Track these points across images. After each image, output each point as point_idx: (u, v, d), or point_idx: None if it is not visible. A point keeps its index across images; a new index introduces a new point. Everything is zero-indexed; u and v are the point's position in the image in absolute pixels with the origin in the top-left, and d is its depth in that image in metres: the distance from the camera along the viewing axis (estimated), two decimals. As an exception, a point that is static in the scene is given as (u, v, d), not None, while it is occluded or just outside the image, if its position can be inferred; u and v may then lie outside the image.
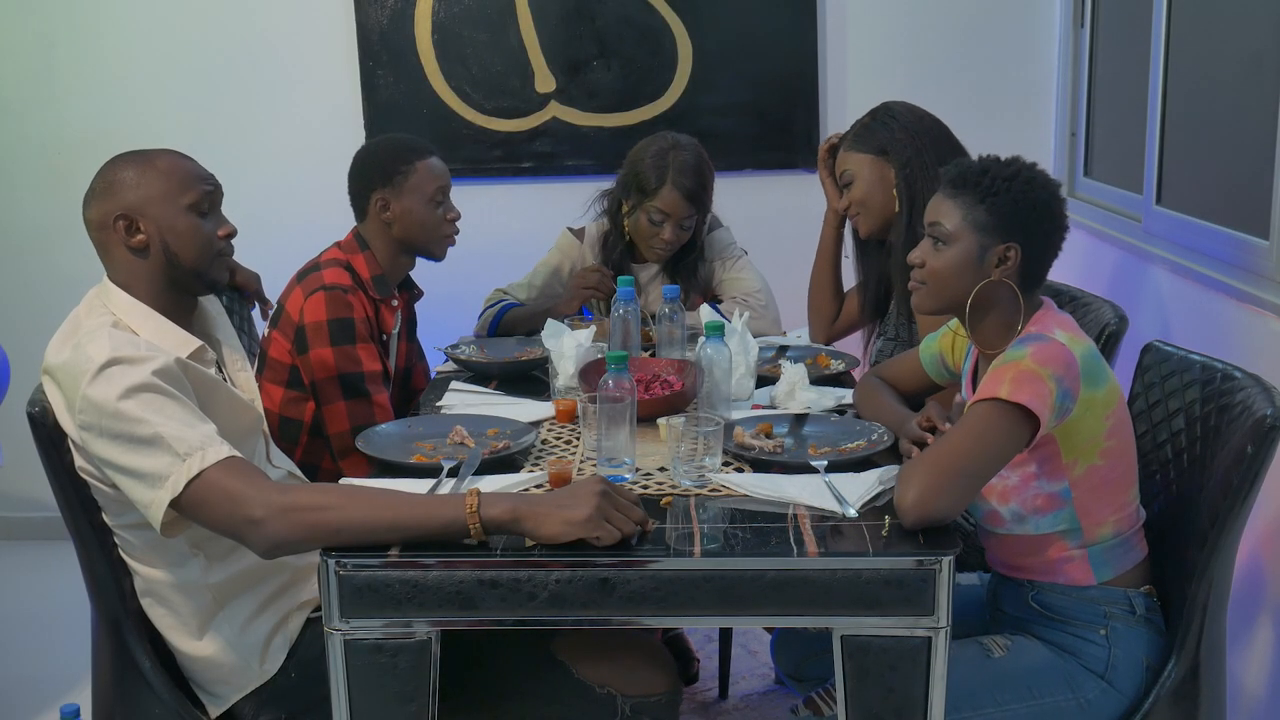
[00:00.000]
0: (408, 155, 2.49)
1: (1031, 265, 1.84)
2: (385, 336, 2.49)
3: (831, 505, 1.72)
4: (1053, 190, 1.85)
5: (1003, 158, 1.87)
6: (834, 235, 2.76)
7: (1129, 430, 1.87)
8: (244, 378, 2.02)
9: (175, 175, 1.84)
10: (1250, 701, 2.30)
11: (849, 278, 2.79)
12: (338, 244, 2.52)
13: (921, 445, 1.84)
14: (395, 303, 2.52)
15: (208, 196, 1.86)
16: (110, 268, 1.86)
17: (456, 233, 2.55)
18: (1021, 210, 1.81)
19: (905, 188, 2.42)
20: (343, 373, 2.33)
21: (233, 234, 1.91)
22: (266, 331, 2.46)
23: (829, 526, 1.67)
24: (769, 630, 2.84)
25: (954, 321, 2.05)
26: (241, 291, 2.46)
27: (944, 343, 2.12)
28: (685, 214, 2.79)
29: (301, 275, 2.44)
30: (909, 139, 2.44)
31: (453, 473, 1.85)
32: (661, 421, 2.00)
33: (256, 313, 2.52)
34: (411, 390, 2.69)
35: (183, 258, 1.84)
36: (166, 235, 1.82)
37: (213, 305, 2.02)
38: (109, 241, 1.83)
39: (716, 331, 2.15)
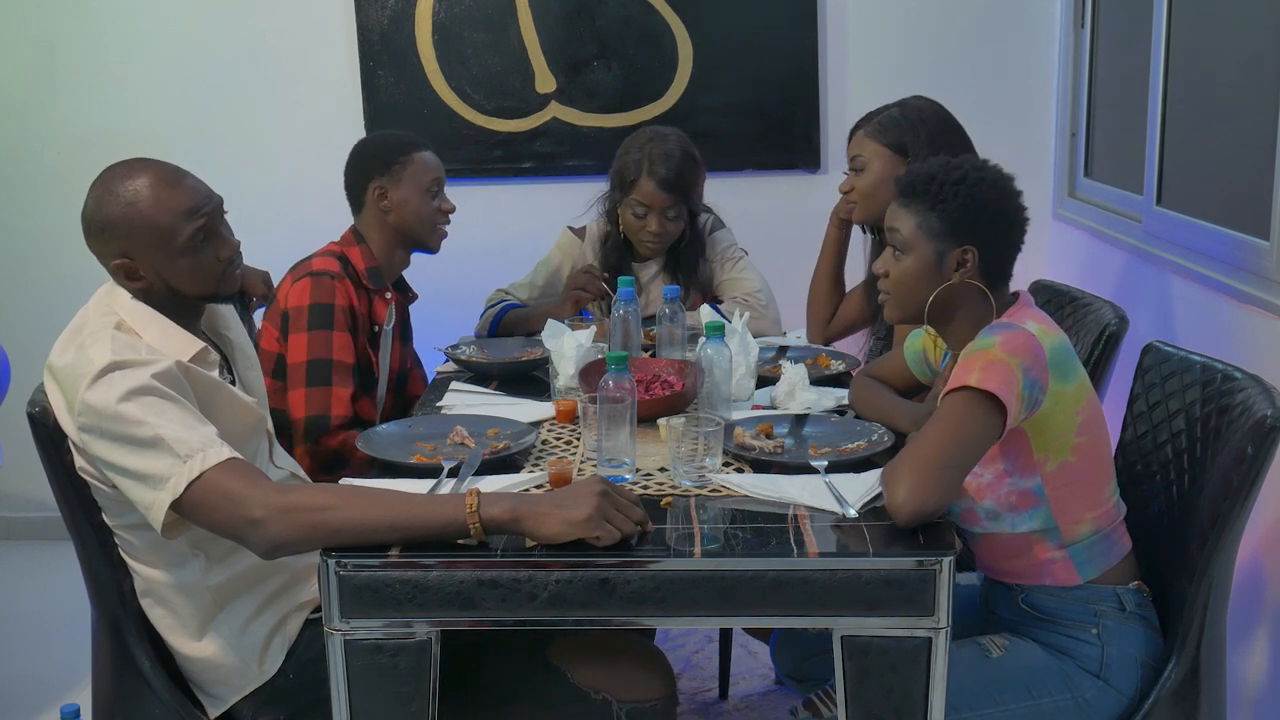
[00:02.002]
0: (405, 147, 2.53)
1: (993, 263, 1.85)
2: (377, 329, 2.50)
3: (832, 506, 1.72)
4: (1003, 188, 1.85)
5: (950, 160, 1.88)
6: (837, 237, 2.76)
7: (1102, 427, 1.87)
8: (252, 376, 2.03)
9: (163, 217, 1.78)
10: (1250, 702, 2.30)
11: (856, 275, 2.79)
12: (334, 241, 2.54)
13: None
14: (389, 295, 2.53)
15: (200, 230, 1.81)
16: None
17: (448, 223, 2.58)
18: (971, 213, 1.82)
19: None
20: (312, 358, 2.34)
21: (235, 251, 1.89)
22: (260, 323, 2.47)
23: (829, 527, 1.67)
24: (759, 638, 2.85)
25: None
26: (244, 294, 2.46)
27: (926, 340, 2.13)
28: (665, 204, 2.79)
29: (294, 267, 2.47)
30: (932, 149, 2.42)
31: (453, 473, 1.85)
32: (662, 422, 2.00)
33: (262, 313, 2.52)
34: (408, 396, 2.69)
35: (186, 291, 1.85)
36: (166, 276, 1.82)
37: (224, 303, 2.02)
38: (111, 273, 1.84)
39: (717, 332, 2.15)
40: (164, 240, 1.79)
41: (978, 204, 1.82)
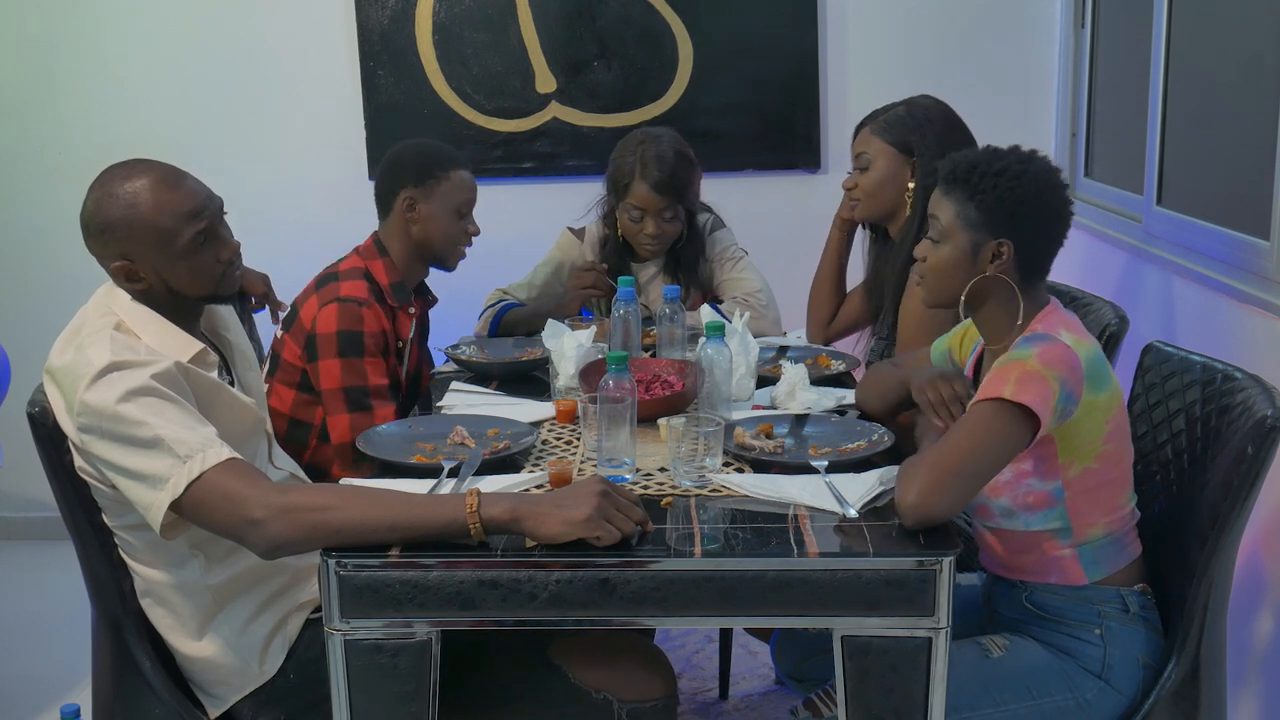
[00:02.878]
0: (444, 162, 2.50)
1: (1028, 259, 1.83)
2: (401, 344, 2.49)
3: (832, 506, 1.72)
4: (1046, 181, 1.83)
5: (997, 150, 1.86)
6: (840, 239, 2.76)
7: (1127, 435, 1.87)
8: (251, 377, 2.02)
9: (163, 220, 1.78)
10: (1250, 702, 2.30)
11: (856, 276, 2.79)
12: (357, 250, 2.52)
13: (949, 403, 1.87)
14: (412, 310, 2.52)
15: (201, 233, 1.81)
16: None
17: (469, 245, 2.56)
18: (1008, 206, 1.80)
19: (922, 194, 2.42)
20: (347, 385, 2.33)
21: (235, 252, 1.89)
22: (279, 333, 2.46)
23: (829, 527, 1.67)
24: (760, 637, 2.85)
25: (967, 321, 2.06)
26: (244, 295, 2.46)
27: (953, 340, 2.12)
28: (660, 206, 2.79)
29: (320, 282, 2.44)
30: (938, 149, 2.41)
31: (453, 473, 1.85)
32: (662, 422, 2.00)
33: (263, 314, 2.51)
34: (418, 395, 2.70)
35: (186, 292, 1.85)
36: (166, 277, 1.82)
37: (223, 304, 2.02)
38: (112, 276, 1.83)
39: (717, 332, 2.15)
40: (165, 242, 1.79)
41: (1016, 197, 1.80)
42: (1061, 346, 1.75)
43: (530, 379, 2.53)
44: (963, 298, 1.84)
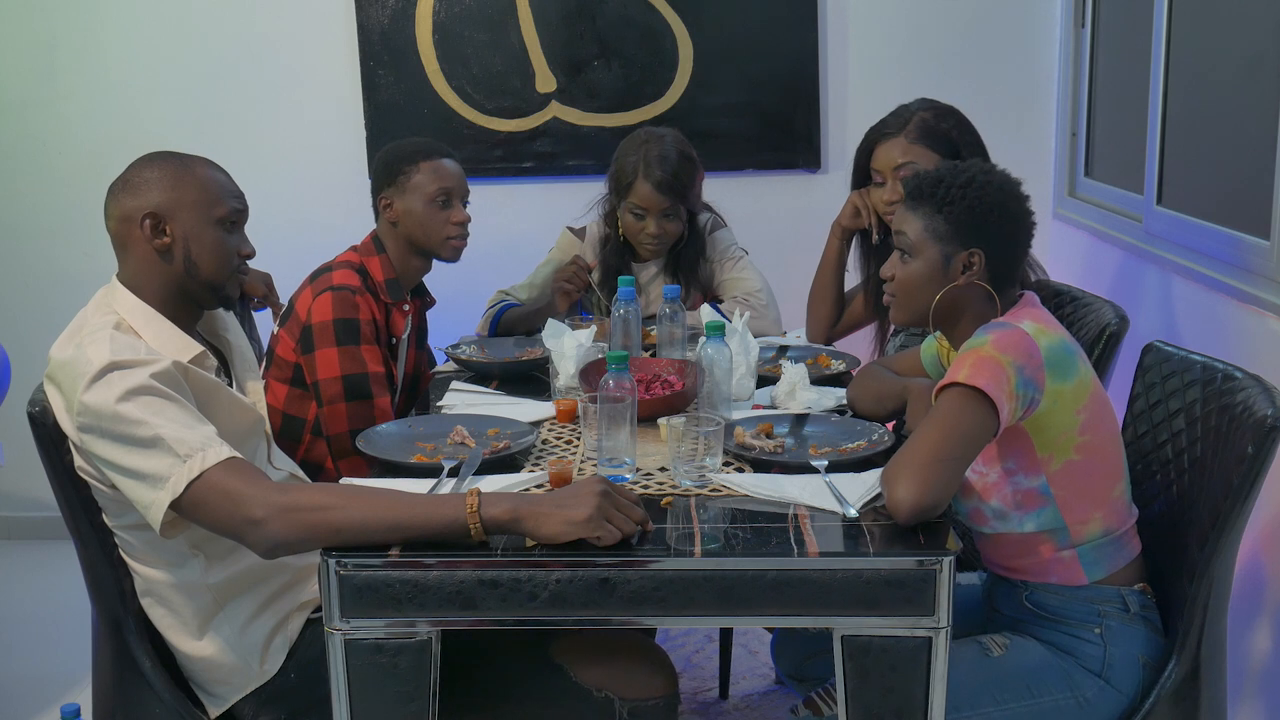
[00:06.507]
0: (414, 156, 2.51)
1: (999, 266, 1.86)
2: (394, 340, 2.50)
3: (832, 505, 1.72)
4: (1010, 191, 1.86)
5: (958, 164, 1.89)
6: (839, 249, 2.74)
7: (1109, 426, 1.87)
8: (251, 379, 2.03)
9: (210, 186, 1.86)
10: (1250, 702, 2.30)
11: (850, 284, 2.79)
12: (354, 247, 2.53)
13: None
14: (407, 307, 2.52)
15: (236, 213, 1.88)
16: (124, 265, 1.86)
17: (461, 234, 2.55)
18: (978, 215, 1.83)
19: None
20: (347, 374, 2.33)
21: (251, 255, 1.93)
22: (275, 329, 2.47)
23: (829, 527, 1.67)
24: (770, 630, 2.85)
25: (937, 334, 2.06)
26: (245, 296, 2.46)
27: (943, 344, 2.13)
28: (662, 206, 2.79)
29: (313, 276, 2.46)
30: (979, 151, 2.42)
31: (453, 473, 1.85)
32: (662, 421, 2.00)
33: (265, 315, 2.52)
34: (418, 395, 2.70)
35: (202, 269, 1.85)
36: (191, 243, 1.83)
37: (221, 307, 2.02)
38: (130, 238, 1.83)
39: (717, 331, 2.15)
40: (205, 204, 1.84)
41: (984, 207, 1.83)
42: (1019, 333, 1.76)
43: (530, 379, 2.53)
44: (932, 311, 1.85)
